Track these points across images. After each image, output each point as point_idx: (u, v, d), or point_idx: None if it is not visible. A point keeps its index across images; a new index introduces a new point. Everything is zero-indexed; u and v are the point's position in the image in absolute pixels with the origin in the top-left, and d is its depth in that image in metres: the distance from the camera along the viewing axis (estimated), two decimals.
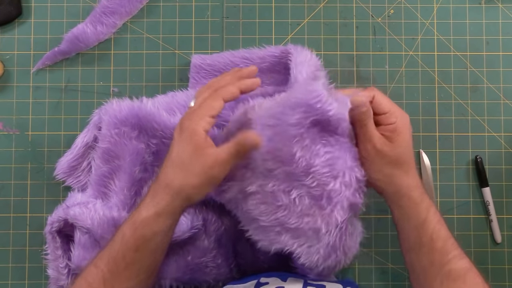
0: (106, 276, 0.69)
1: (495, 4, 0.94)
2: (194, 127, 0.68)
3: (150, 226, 0.68)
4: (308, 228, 0.72)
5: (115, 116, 0.83)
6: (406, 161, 0.70)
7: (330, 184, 0.70)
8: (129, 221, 0.70)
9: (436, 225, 0.70)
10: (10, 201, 0.92)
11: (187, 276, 0.83)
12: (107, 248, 0.71)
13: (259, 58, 0.90)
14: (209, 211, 0.84)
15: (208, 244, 0.83)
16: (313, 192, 0.71)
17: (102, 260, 0.70)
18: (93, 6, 0.93)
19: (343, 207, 0.72)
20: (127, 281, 0.69)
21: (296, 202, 0.71)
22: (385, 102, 0.70)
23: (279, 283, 0.73)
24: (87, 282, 0.69)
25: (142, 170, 0.84)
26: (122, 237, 0.69)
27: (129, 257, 0.69)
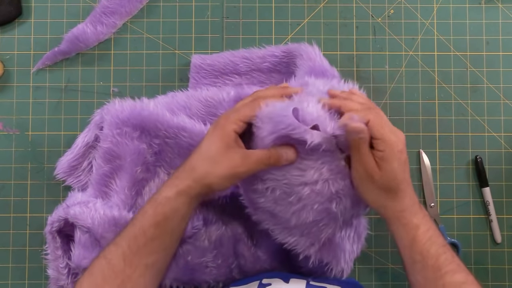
0: (126, 253, 0.71)
1: (495, 4, 0.94)
2: (226, 127, 0.71)
3: (170, 204, 0.71)
4: (280, 216, 0.74)
5: (117, 116, 0.83)
6: (393, 188, 0.71)
7: (300, 187, 0.71)
8: (151, 201, 0.73)
9: (425, 244, 0.71)
10: (10, 201, 0.92)
11: (187, 276, 0.83)
12: (127, 227, 0.73)
13: (259, 58, 0.91)
14: (210, 212, 0.84)
15: (208, 244, 0.83)
16: (284, 188, 0.72)
17: (122, 238, 0.72)
18: (93, 6, 0.93)
19: (314, 209, 0.73)
20: (146, 257, 0.72)
21: (269, 191, 0.73)
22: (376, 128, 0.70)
23: (282, 284, 0.74)
24: (106, 259, 0.71)
25: (144, 170, 0.84)
26: (143, 214, 0.72)
27: (149, 233, 0.71)
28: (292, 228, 0.75)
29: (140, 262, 0.71)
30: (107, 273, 0.71)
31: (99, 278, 0.71)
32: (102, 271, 0.71)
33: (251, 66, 0.91)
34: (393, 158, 0.70)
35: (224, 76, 0.92)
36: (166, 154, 0.85)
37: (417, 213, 0.73)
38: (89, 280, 0.71)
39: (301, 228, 0.75)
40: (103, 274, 0.71)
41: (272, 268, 0.85)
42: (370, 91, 0.92)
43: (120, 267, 0.71)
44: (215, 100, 0.86)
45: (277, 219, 0.75)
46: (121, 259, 0.71)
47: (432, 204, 0.92)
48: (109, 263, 0.71)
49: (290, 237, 0.76)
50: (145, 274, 0.72)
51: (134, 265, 0.71)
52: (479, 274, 0.91)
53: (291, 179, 0.71)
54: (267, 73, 0.91)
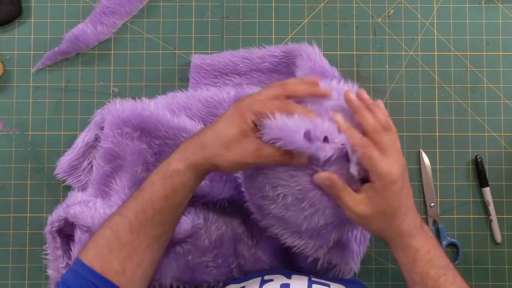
0: (134, 224, 0.71)
1: (495, 4, 0.94)
2: (246, 116, 0.70)
3: (180, 177, 0.71)
4: (291, 221, 0.74)
5: (117, 116, 0.83)
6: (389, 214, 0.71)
7: (313, 191, 0.71)
8: (159, 172, 0.72)
9: (425, 266, 0.72)
10: (10, 201, 0.92)
11: (188, 276, 0.83)
12: (134, 198, 0.72)
13: (259, 58, 0.91)
14: (210, 211, 0.84)
15: (208, 243, 0.83)
16: (296, 194, 0.72)
17: (128, 209, 0.72)
18: (93, 6, 0.93)
19: (325, 213, 0.73)
20: (152, 229, 0.71)
21: (280, 198, 0.72)
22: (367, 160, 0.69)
23: (284, 280, 0.74)
24: (112, 230, 0.71)
25: (144, 170, 0.84)
26: (152, 186, 0.72)
27: (158, 205, 0.71)
28: (302, 232, 0.75)
29: (148, 234, 0.71)
30: (113, 244, 0.70)
31: (105, 249, 0.70)
32: (108, 242, 0.70)
33: (251, 66, 0.91)
34: (384, 189, 0.69)
35: (224, 76, 0.92)
36: (166, 155, 0.84)
37: (417, 236, 0.72)
38: (95, 250, 0.70)
39: (311, 232, 0.75)
40: (109, 245, 0.70)
41: (272, 268, 0.85)
42: (370, 91, 0.92)
43: (127, 238, 0.70)
44: (215, 100, 0.86)
45: (287, 224, 0.75)
46: (128, 231, 0.70)
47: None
48: (115, 234, 0.70)
49: (299, 240, 0.76)
50: (151, 246, 0.72)
51: (142, 237, 0.71)
52: (479, 274, 0.91)
53: (304, 185, 0.71)
54: (267, 73, 0.91)
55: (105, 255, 0.70)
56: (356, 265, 0.83)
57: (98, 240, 0.71)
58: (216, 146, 0.70)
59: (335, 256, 0.80)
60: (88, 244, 0.72)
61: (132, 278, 0.70)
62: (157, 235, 0.72)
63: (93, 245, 0.71)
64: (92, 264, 0.69)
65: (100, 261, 0.69)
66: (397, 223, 0.72)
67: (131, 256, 0.70)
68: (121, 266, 0.70)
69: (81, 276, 0.69)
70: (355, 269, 0.83)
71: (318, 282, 0.74)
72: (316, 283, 0.73)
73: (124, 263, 0.70)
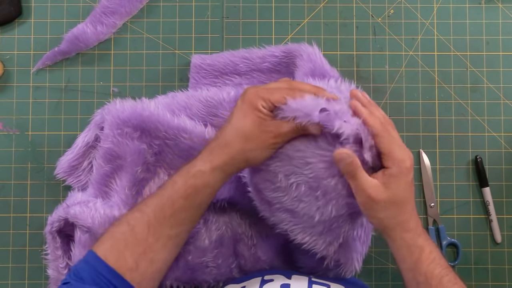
0: (151, 221, 0.71)
1: (495, 4, 0.95)
2: (255, 103, 0.72)
3: (203, 178, 0.72)
4: (303, 213, 0.74)
5: (117, 116, 0.83)
6: (400, 206, 0.71)
7: (328, 179, 0.71)
8: (182, 172, 0.73)
9: (429, 265, 0.71)
10: (10, 201, 0.92)
11: (188, 276, 0.83)
12: (154, 196, 0.73)
13: (259, 58, 0.91)
14: (210, 212, 0.84)
15: (208, 244, 0.83)
16: (310, 182, 0.72)
17: (148, 206, 0.72)
18: (93, 6, 0.93)
19: (338, 203, 0.73)
20: (170, 228, 0.71)
21: (293, 187, 0.73)
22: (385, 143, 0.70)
23: (284, 280, 0.74)
24: (129, 225, 0.71)
25: (144, 170, 0.84)
26: (173, 185, 0.72)
27: (177, 204, 0.71)
28: (314, 226, 0.75)
29: (164, 233, 0.71)
30: (129, 240, 0.70)
31: (121, 244, 0.70)
32: (124, 236, 0.70)
33: (251, 66, 0.91)
34: (401, 175, 0.70)
35: (224, 76, 0.92)
36: (166, 155, 0.85)
37: (421, 235, 0.73)
38: (110, 243, 0.70)
39: (322, 226, 0.75)
40: (125, 240, 0.70)
41: (272, 268, 0.85)
42: (370, 91, 0.92)
43: (144, 235, 0.70)
44: (215, 100, 0.86)
45: (298, 218, 0.75)
46: (146, 227, 0.70)
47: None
48: (132, 230, 0.70)
49: (309, 236, 0.76)
50: (167, 245, 0.72)
51: (158, 235, 0.71)
52: (479, 274, 0.92)
53: (318, 173, 0.71)
54: (267, 73, 0.91)
55: (120, 250, 0.69)
56: (359, 265, 0.83)
57: (114, 234, 0.71)
58: (239, 141, 0.71)
59: (343, 254, 0.80)
60: (103, 238, 0.71)
61: (144, 275, 0.70)
62: (173, 234, 0.72)
63: (108, 239, 0.71)
64: (107, 258, 0.69)
65: (115, 255, 0.69)
66: (405, 217, 0.72)
67: (146, 253, 0.70)
68: (135, 263, 0.69)
69: (94, 269, 0.68)
70: (357, 268, 0.84)
71: (318, 282, 0.74)
72: (316, 283, 0.73)
73: (138, 260, 0.69)
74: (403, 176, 0.70)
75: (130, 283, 0.69)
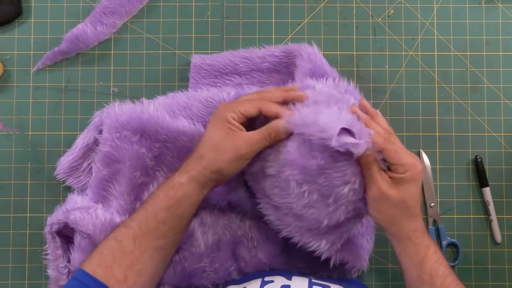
0: (137, 234, 0.73)
1: (495, 4, 0.94)
2: (225, 116, 0.74)
3: (182, 188, 0.74)
4: (312, 218, 0.74)
5: (116, 119, 0.83)
6: (410, 205, 0.73)
7: (340, 187, 0.72)
8: (162, 186, 0.75)
9: (434, 264, 0.73)
10: (10, 201, 0.92)
11: (185, 282, 0.83)
12: (138, 211, 0.75)
13: (259, 58, 0.91)
14: (208, 215, 0.84)
15: (204, 249, 0.82)
16: (323, 190, 0.72)
17: (132, 221, 0.74)
18: (93, 6, 0.93)
19: (347, 209, 0.74)
20: (155, 239, 0.73)
21: (305, 195, 0.73)
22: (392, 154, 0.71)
23: (285, 281, 0.74)
24: (116, 240, 0.72)
25: (143, 175, 0.84)
26: (155, 199, 0.75)
27: (160, 216, 0.73)
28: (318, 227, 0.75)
29: (150, 245, 0.73)
30: (117, 253, 0.71)
31: (109, 258, 0.71)
32: (112, 251, 0.72)
33: (251, 66, 0.91)
34: (414, 180, 0.72)
35: (224, 76, 0.92)
36: (166, 158, 0.84)
37: (426, 234, 0.75)
38: (99, 258, 0.72)
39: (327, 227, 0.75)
40: (113, 254, 0.71)
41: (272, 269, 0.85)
42: (370, 91, 0.92)
43: (130, 248, 0.72)
44: (215, 101, 0.86)
45: (304, 222, 0.75)
46: (132, 241, 0.72)
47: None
48: (119, 244, 0.72)
49: (313, 237, 0.77)
50: (153, 256, 0.73)
51: (144, 247, 0.72)
52: (479, 274, 0.92)
53: (332, 181, 0.72)
54: (267, 73, 0.91)
55: (108, 264, 0.71)
56: (366, 262, 0.85)
57: (102, 249, 0.72)
58: (210, 152, 0.74)
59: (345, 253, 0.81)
60: (92, 255, 0.73)
61: (133, 286, 0.71)
62: (159, 246, 0.74)
63: (97, 254, 0.72)
64: (95, 272, 0.70)
65: (103, 269, 0.71)
66: (414, 218, 0.73)
67: (133, 265, 0.71)
68: (123, 275, 0.71)
69: (84, 284, 0.70)
70: (365, 266, 0.85)
71: (318, 283, 0.74)
72: (316, 284, 0.74)
73: (126, 272, 0.71)
74: (416, 180, 0.72)
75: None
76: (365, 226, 0.86)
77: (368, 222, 0.87)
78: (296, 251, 0.83)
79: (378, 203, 0.72)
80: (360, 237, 0.84)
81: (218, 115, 0.75)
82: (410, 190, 0.72)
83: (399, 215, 0.73)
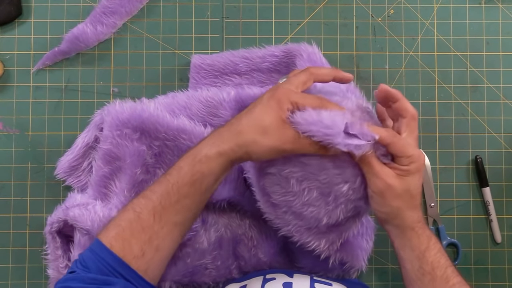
0: (157, 208, 0.70)
1: (495, 4, 0.95)
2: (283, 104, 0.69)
3: (209, 163, 0.70)
4: (311, 216, 0.74)
5: (117, 117, 0.83)
6: (414, 195, 0.72)
7: (340, 185, 0.72)
8: (187, 158, 0.71)
9: (436, 254, 0.73)
10: (10, 201, 0.92)
11: (187, 278, 0.83)
12: (160, 182, 0.72)
13: (259, 58, 0.91)
14: (209, 213, 0.84)
15: (207, 246, 0.83)
16: (323, 188, 0.72)
17: (153, 193, 0.71)
18: (93, 6, 0.93)
19: (347, 207, 0.74)
20: (175, 214, 0.70)
21: (305, 192, 0.73)
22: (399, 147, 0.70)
23: (286, 278, 0.74)
24: (135, 212, 0.70)
25: (143, 172, 0.84)
26: (179, 171, 0.71)
27: (183, 191, 0.70)
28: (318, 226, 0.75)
29: (169, 219, 0.70)
30: (135, 227, 0.69)
31: (127, 232, 0.69)
32: (130, 224, 0.70)
33: (251, 66, 0.91)
34: (419, 170, 0.71)
35: (224, 76, 0.92)
36: (166, 156, 0.84)
37: (426, 226, 0.75)
38: (117, 231, 0.70)
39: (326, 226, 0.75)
40: (131, 227, 0.69)
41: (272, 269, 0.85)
42: (370, 91, 0.92)
43: (149, 222, 0.70)
44: (215, 101, 0.86)
45: (304, 221, 0.75)
46: (151, 214, 0.70)
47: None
48: (138, 217, 0.70)
49: (312, 237, 0.76)
50: (172, 231, 0.71)
51: (163, 222, 0.70)
52: (479, 274, 0.92)
53: (332, 178, 0.72)
54: (267, 73, 0.91)
55: (126, 238, 0.69)
56: (364, 262, 0.85)
57: (120, 221, 0.70)
58: (253, 132, 0.69)
59: (345, 253, 0.81)
60: (109, 225, 0.71)
61: (150, 262, 0.70)
62: (179, 221, 0.71)
63: (115, 225, 0.70)
64: (112, 245, 0.68)
65: (120, 243, 0.69)
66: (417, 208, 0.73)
67: (151, 241, 0.70)
68: (140, 250, 0.69)
69: (99, 257, 0.68)
70: (363, 266, 0.85)
71: (320, 281, 0.74)
72: (318, 282, 0.74)
73: (144, 247, 0.69)
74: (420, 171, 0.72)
75: (136, 271, 0.68)
76: (365, 226, 0.86)
77: (368, 223, 0.87)
78: (295, 250, 0.83)
79: (383, 195, 0.71)
80: (360, 237, 0.84)
81: (275, 98, 0.69)
82: (414, 181, 0.71)
83: (403, 206, 0.72)
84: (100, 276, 0.67)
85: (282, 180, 0.73)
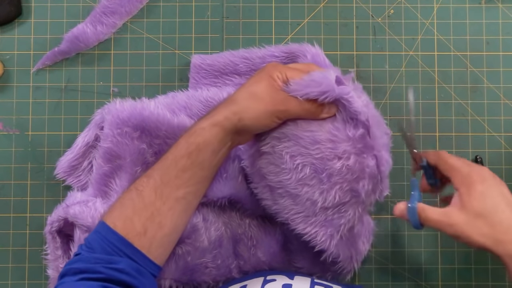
0: (158, 184, 0.71)
1: (495, 4, 0.95)
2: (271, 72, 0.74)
3: (203, 134, 0.72)
4: (306, 198, 0.75)
5: (117, 115, 0.83)
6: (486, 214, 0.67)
7: (333, 161, 0.72)
8: (185, 133, 0.74)
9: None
10: (10, 201, 0.92)
11: (187, 277, 0.83)
12: (160, 160, 0.74)
13: (259, 58, 0.91)
14: (210, 212, 0.84)
15: (208, 244, 0.83)
16: (316, 164, 0.73)
17: (154, 170, 0.73)
18: (93, 6, 0.93)
19: (342, 188, 0.74)
20: (176, 189, 0.72)
21: (299, 168, 0.74)
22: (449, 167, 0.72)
23: (287, 280, 0.74)
24: (137, 191, 0.72)
25: (144, 170, 0.83)
26: (176, 146, 0.73)
27: (180, 164, 0.72)
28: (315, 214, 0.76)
29: (170, 195, 0.71)
30: (137, 205, 0.71)
31: (129, 209, 0.71)
32: (132, 202, 0.71)
33: (251, 66, 0.91)
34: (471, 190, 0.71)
35: (224, 76, 0.92)
36: None
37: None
38: (120, 210, 0.71)
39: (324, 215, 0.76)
40: (133, 205, 0.71)
41: (272, 269, 0.85)
42: (370, 91, 0.92)
43: (151, 199, 0.71)
44: (215, 101, 0.86)
45: (300, 205, 0.76)
46: (153, 191, 0.71)
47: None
48: (140, 195, 0.71)
49: (310, 227, 0.76)
50: (174, 207, 0.72)
51: (165, 197, 0.71)
52: (479, 274, 0.91)
53: (325, 153, 0.73)
54: None
55: (128, 216, 0.70)
56: (357, 264, 0.85)
57: (123, 200, 0.72)
58: (246, 99, 0.72)
59: (342, 250, 0.81)
60: (113, 206, 0.72)
61: (153, 240, 0.70)
62: (180, 196, 0.72)
63: (119, 205, 0.72)
64: (115, 225, 0.69)
65: (123, 221, 0.70)
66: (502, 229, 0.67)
67: (153, 217, 0.70)
68: (142, 227, 0.70)
69: (104, 238, 0.69)
70: (356, 268, 0.84)
71: (320, 283, 0.74)
72: (318, 284, 0.73)
73: (146, 224, 0.70)
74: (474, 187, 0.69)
75: (139, 249, 0.69)
76: (365, 226, 0.85)
77: (368, 224, 0.86)
78: (294, 250, 0.83)
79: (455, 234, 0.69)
80: (357, 237, 0.84)
81: (264, 70, 0.74)
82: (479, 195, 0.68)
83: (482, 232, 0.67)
84: (104, 256, 0.68)
85: (277, 157, 0.74)
